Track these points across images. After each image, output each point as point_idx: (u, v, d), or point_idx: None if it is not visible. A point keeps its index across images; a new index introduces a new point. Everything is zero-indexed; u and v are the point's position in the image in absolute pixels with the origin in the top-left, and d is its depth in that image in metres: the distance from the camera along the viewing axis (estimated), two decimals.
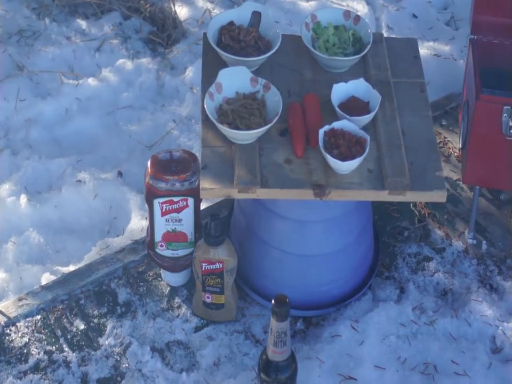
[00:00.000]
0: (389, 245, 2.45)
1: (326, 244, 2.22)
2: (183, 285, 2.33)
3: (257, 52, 2.19)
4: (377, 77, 2.22)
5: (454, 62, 2.99)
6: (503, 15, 2.49)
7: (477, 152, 2.35)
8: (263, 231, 2.24)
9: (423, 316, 2.26)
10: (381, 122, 2.12)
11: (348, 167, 2.01)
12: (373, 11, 3.21)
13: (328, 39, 2.25)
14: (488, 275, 2.40)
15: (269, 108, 2.10)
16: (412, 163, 2.06)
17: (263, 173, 2.03)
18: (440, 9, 3.25)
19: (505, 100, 2.29)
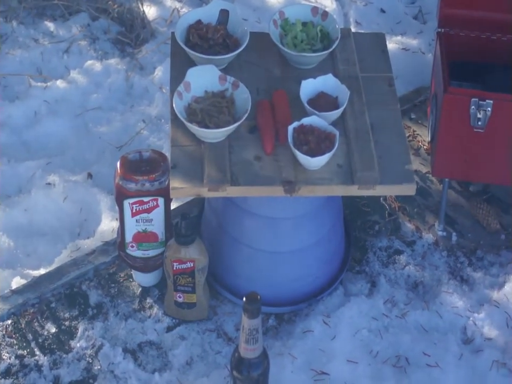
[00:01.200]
0: (359, 240, 2.46)
1: (296, 240, 2.23)
2: (154, 285, 2.33)
3: (225, 50, 2.20)
4: (346, 72, 2.23)
5: (422, 56, 3.00)
6: (470, 7, 2.51)
7: (446, 145, 2.36)
8: (233, 228, 2.24)
9: (394, 309, 2.27)
10: (350, 117, 2.13)
11: (317, 163, 2.02)
12: (341, 7, 3.21)
13: (296, 36, 2.25)
14: (458, 266, 2.42)
15: (238, 106, 2.10)
16: (381, 157, 2.07)
17: (232, 170, 2.03)
18: (407, 4, 3.27)
19: (472, 92, 2.31)
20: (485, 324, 2.25)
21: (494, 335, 2.23)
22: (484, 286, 2.35)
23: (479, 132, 2.31)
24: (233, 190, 2.01)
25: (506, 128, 2.30)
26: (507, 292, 2.31)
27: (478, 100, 2.26)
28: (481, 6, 2.50)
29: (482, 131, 2.30)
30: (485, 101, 2.26)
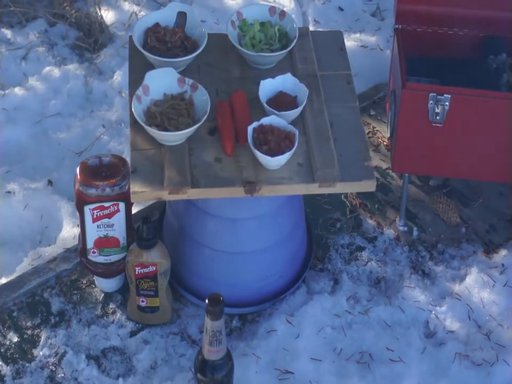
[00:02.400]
0: (321, 237, 2.47)
1: (258, 240, 2.23)
2: (117, 290, 2.32)
3: (183, 52, 2.19)
4: (304, 70, 2.23)
5: (381, 52, 3.03)
6: (426, 3, 2.53)
7: (405, 140, 2.38)
8: (195, 231, 2.24)
9: (357, 306, 2.28)
10: (309, 116, 2.13)
11: (277, 162, 2.02)
12: (299, 6, 3.23)
13: (254, 36, 2.26)
14: (420, 261, 2.44)
15: (197, 108, 2.10)
16: (341, 155, 2.08)
17: (193, 173, 2.03)
18: (365, 1, 3.28)
19: (430, 87, 2.34)
20: (447, 317, 2.27)
21: (456, 328, 2.26)
22: (445, 279, 2.37)
23: (438, 126, 2.33)
24: (194, 192, 2.01)
25: (464, 121, 2.32)
26: (468, 285, 2.33)
27: (435, 95, 2.29)
28: (437, 1, 2.52)
29: (441, 125, 2.32)
30: (442, 95, 2.28)
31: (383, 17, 3.21)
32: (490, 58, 2.55)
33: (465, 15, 2.54)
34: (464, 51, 2.58)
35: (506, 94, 2.44)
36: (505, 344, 2.20)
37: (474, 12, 2.53)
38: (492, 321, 2.26)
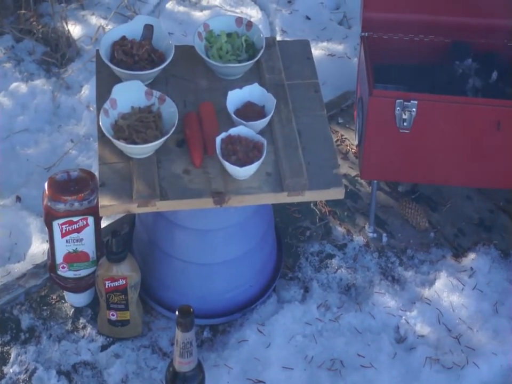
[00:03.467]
0: (291, 246, 2.50)
1: (228, 250, 2.25)
2: (87, 305, 2.33)
3: (151, 64, 2.22)
4: (272, 80, 2.26)
5: (348, 60, 3.06)
6: (392, 11, 2.57)
7: (373, 147, 2.41)
8: (165, 243, 2.26)
9: (327, 313, 2.31)
10: (277, 125, 2.16)
11: (246, 172, 2.04)
12: (266, 16, 3.26)
13: (221, 47, 2.28)
14: (389, 267, 2.47)
15: (165, 120, 2.12)
16: (309, 163, 2.10)
17: (162, 185, 2.04)
18: (332, 10, 3.33)
19: (397, 93, 2.37)
20: (417, 322, 2.30)
21: (426, 332, 2.28)
22: (415, 284, 2.40)
23: (405, 132, 2.36)
24: (163, 205, 2.03)
25: (431, 127, 2.35)
26: (438, 289, 2.36)
27: (402, 101, 2.32)
28: (403, 9, 2.56)
29: (408, 131, 2.35)
30: (409, 101, 2.31)
31: (350, 26, 3.25)
32: (456, 64, 2.59)
33: (430, 22, 2.58)
34: (431, 57, 2.61)
35: (472, 99, 2.48)
36: (474, 347, 2.23)
37: (439, 18, 2.58)
38: (461, 324, 2.29)
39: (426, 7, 2.56)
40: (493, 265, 2.44)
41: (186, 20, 3.23)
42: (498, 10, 2.56)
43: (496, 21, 2.57)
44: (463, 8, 2.56)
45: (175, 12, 3.25)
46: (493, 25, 2.57)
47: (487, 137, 2.35)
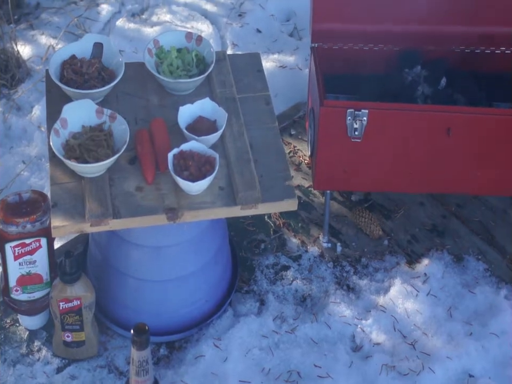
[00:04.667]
0: (246, 259, 2.53)
1: (183, 266, 2.28)
2: (42, 327, 2.34)
3: (101, 83, 2.24)
4: (223, 94, 2.29)
5: (300, 72, 3.10)
6: (341, 21, 2.62)
7: (325, 157, 2.45)
8: (119, 261, 2.27)
9: (284, 325, 2.34)
10: (229, 139, 2.19)
11: (199, 187, 2.07)
12: (217, 30, 3.29)
13: (171, 63, 2.31)
14: (344, 276, 2.51)
15: (116, 138, 2.14)
16: (262, 176, 2.13)
17: (114, 203, 2.06)
18: (283, 22, 3.36)
19: (347, 103, 2.41)
20: (372, 330, 2.33)
21: (382, 340, 2.32)
22: (370, 292, 2.43)
23: (357, 141, 2.40)
24: (116, 223, 2.05)
25: (383, 135, 2.39)
26: (392, 296, 2.40)
27: (353, 111, 2.36)
28: (352, 19, 2.61)
29: (360, 140, 2.39)
30: (360, 110, 2.35)
31: (300, 37, 3.29)
32: (405, 72, 2.64)
33: (379, 31, 2.63)
34: (381, 66, 2.66)
35: (422, 106, 2.54)
36: (430, 352, 2.27)
37: (388, 27, 2.63)
38: (416, 330, 2.33)
39: (375, 17, 2.61)
40: (446, 270, 2.49)
41: (137, 36, 3.25)
42: (446, 18, 2.62)
43: (444, 27, 2.63)
44: (411, 16, 2.61)
45: (125, 29, 3.27)
46: (440, 32, 2.64)
47: (437, 143, 2.39)
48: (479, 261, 2.54)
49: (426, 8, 2.60)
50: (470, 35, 2.64)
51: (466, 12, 2.60)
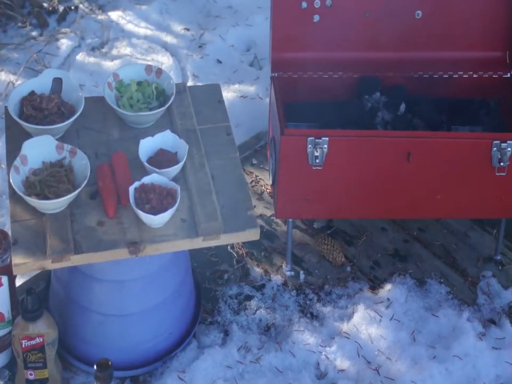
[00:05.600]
0: (210, 290, 2.56)
1: (146, 300, 2.30)
2: (4, 366, 2.34)
3: (61, 118, 2.27)
4: (184, 126, 2.34)
5: (261, 101, 3.17)
6: (300, 50, 2.69)
7: (287, 186, 2.49)
8: (81, 297, 2.30)
9: (248, 355, 2.37)
10: (190, 171, 2.23)
11: (160, 220, 2.11)
12: (178, 61, 3.35)
13: (131, 96, 2.36)
14: (308, 304, 2.55)
15: (77, 173, 2.18)
16: (223, 206, 2.18)
17: (76, 239, 2.09)
18: (243, 52, 3.43)
19: (308, 131, 2.47)
20: (337, 356, 2.37)
21: (346, 366, 2.36)
22: (333, 319, 2.48)
23: (318, 169, 2.45)
24: (78, 259, 2.07)
25: (344, 162, 2.45)
26: (356, 322, 2.44)
27: (314, 139, 2.41)
28: (311, 47, 2.68)
29: (321, 168, 2.44)
30: (320, 138, 2.41)
31: (261, 66, 3.36)
32: (365, 98, 2.71)
33: (338, 59, 2.71)
34: (341, 93, 2.73)
35: (382, 132, 2.62)
36: (394, 377, 2.31)
37: (346, 54, 2.70)
38: (380, 355, 2.38)
39: (334, 45, 2.68)
40: (409, 294, 2.54)
41: (97, 70, 3.30)
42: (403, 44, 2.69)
43: (402, 54, 2.71)
44: (369, 43, 2.69)
45: (85, 63, 3.33)
46: (399, 59, 2.71)
47: (398, 168, 2.45)
48: (441, 284, 2.60)
49: (384, 35, 2.67)
50: (427, 61, 2.72)
51: (423, 38, 2.69)
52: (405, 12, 2.64)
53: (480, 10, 2.66)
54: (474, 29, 2.67)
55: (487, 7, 2.65)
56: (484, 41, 2.69)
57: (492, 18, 2.66)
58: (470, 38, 2.68)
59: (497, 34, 2.67)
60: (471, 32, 2.68)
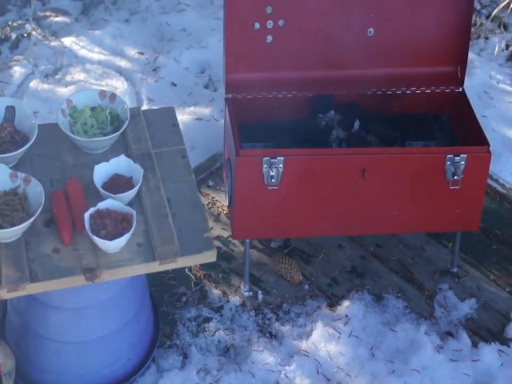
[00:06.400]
0: (168, 314, 2.59)
1: (103, 326, 2.32)
2: None
3: (14, 146, 2.29)
4: (138, 150, 2.37)
5: (216, 123, 3.21)
6: (253, 71, 2.73)
7: (243, 206, 2.54)
8: (38, 325, 2.31)
9: (207, 377, 2.40)
10: (146, 195, 2.26)
11: (116, 245, 2.13)
12: (132, 86, 3.39)
13: (85, 122, 2.38)
14: (266, 323, 2.59)
15: (32, 201, 2.19)
16: (180, 229, 2.21)
17: (31, 267, 2.11)
18: (197, 74, 3.48)
19: (263, 151, 2.51)
20: (296, 375, 2.41)
21: None
22: (292, 338, 2.52)
23: (274, 189, 2.49)
24: (34, 287, 2.09)
25: (299, 181, 2.50)
26: (315, 340, 2.48)
27: (269, 159, 2.46)
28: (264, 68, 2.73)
29: (277, 188, 2.49)
30: (275, 158, 2.45)
31: (216, 88, 3.41)
32: (320, 117, 2.76)
33: (292, 78, 2.76)
34: (295, 112, 2.78)
35: (336, 150, 2.66)
36: None
37: (300, 73, 2.75)
38: (339, 372, 2.41)
39: (287, 65, 2.73)
40: (367, 310, 2.59)
41: (51, 97, 3.32)
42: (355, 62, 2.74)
43: (354, 72, 2.76)
44: (322, 62, 2.74)
45: (39, 90, 3.35)
46: (351, 77, 2.76)
47: (354, 185, 2.50)
48: (399, 299, 2.65)
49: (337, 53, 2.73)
50: (381, 77, 2.78)
51: (376, 55, 2.75)
52: (358, 29, 2.70)
53: (431, 27, 2.72)
54: (425, 45, 2.73)
55: (437, 23, 2.71)
56: (436, 56, 2.75)
57: (443, 34, 2.72)
58: (422, 54, 2.75)
59: (449, 49, 2.74)
60: (422, 48, 2.74)
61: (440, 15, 2.69)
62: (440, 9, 2.67)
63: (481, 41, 3.68)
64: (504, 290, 2.70)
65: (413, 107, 2.79)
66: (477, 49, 3.62)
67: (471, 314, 2.62)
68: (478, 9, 3.82)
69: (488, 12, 3.81)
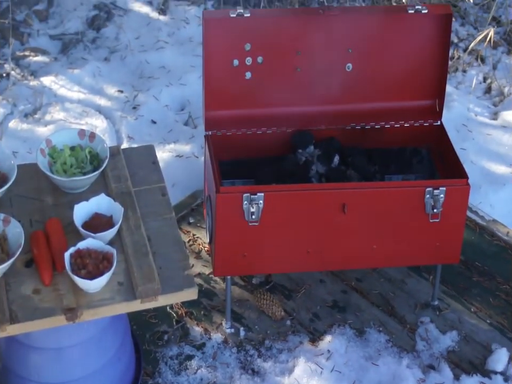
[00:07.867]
0: (150, 352, 2.63)
1: (84, 366, 2.35)
2: None
3: None
4: (118, 189, 2.41)
5: (196, 160, 3.27)
6: (233, 107, 2.79)
7: (223, 243, 2.58)
8: (18, 366, 2.33)
9: None
10: (126, 233, 2.30)
11: (97, 285, 2.16)
12: (112, 124, 3.45)
13: (65, 161, 2.43)
14: (249, 360, 2.63)
15: (11, 242, 2.23)
16: (161, 267, 2.25)
17: (11, 308, 2.13)
18: (177, 111, 3.54)
19: (243, 188, 2.56)
20: None
21: None
22: (274, 374, 2.56)
23: (254, 225, 2.54)
24: (14, 328, 2.11)
25: (280, 217, 2.55)
26: (297, 376, 2.53)
27: (249, 195, 2.51)
28: (243, 105, 2.79)
29: (257, 224, 2.53)
30: (256, 194, 2.50)
31: (195, 125, 3.47)
32: (299, 152, 2.82)
33: (271, 114, 2.82)
34: (275, 148, 2.84)
35: (316, 185, 2.71)
36: None
37: (279, 110, 2.81)
38: None
39: (266, 101, 2.79)
40: (349, 345, 2.63)
41: (30, 136, 3.37)
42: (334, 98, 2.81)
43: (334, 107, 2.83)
44: (301, 98, 2.81)
45: (18, 129, 3.40)
46: (331, 111, 2.83)
47: (334, 220, 2.55)
48: (380, 333, 2.70)
49: (316, 89, 2.80)
50: (359, 112, 2.85)
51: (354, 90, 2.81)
52: (336, 65, 2.77)
53: (409, 60, 2.79)
54: (403, 79, 2.81)
55: (415, 57, 2.78)
56: (414, 90, 2.83)
57: (420, 68, 2.80)
58: (399, 88, 2.82)
59: (426, 83, 2.81)
60: (400, 82, 2.81)
61: (418, 49, 2.76)
62: (417, 43, 2.75)
63: (459, 74, 3.77)
64: (485, 322, 2.76)
65: (391, 141, 2.86)
66: (454, 82, 3.71)
67: (453, 346, 2.67)
68: (455, 42, 3.92)
69: (466, 45, 3.91)
